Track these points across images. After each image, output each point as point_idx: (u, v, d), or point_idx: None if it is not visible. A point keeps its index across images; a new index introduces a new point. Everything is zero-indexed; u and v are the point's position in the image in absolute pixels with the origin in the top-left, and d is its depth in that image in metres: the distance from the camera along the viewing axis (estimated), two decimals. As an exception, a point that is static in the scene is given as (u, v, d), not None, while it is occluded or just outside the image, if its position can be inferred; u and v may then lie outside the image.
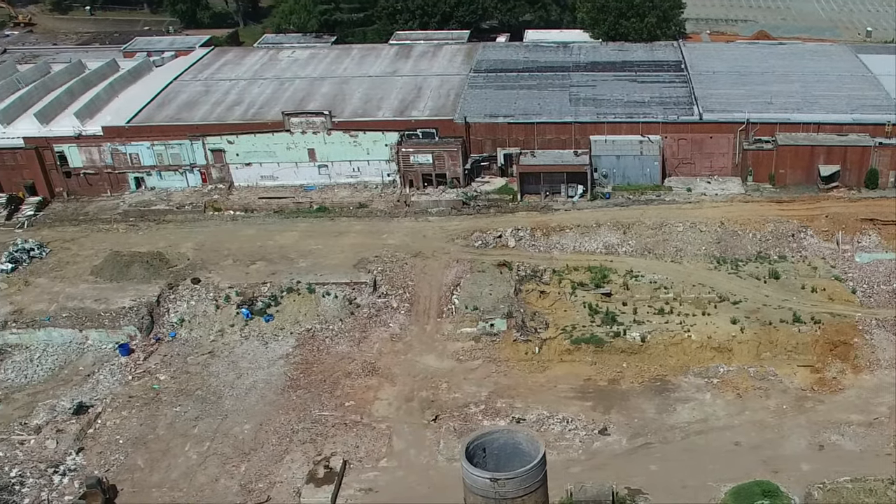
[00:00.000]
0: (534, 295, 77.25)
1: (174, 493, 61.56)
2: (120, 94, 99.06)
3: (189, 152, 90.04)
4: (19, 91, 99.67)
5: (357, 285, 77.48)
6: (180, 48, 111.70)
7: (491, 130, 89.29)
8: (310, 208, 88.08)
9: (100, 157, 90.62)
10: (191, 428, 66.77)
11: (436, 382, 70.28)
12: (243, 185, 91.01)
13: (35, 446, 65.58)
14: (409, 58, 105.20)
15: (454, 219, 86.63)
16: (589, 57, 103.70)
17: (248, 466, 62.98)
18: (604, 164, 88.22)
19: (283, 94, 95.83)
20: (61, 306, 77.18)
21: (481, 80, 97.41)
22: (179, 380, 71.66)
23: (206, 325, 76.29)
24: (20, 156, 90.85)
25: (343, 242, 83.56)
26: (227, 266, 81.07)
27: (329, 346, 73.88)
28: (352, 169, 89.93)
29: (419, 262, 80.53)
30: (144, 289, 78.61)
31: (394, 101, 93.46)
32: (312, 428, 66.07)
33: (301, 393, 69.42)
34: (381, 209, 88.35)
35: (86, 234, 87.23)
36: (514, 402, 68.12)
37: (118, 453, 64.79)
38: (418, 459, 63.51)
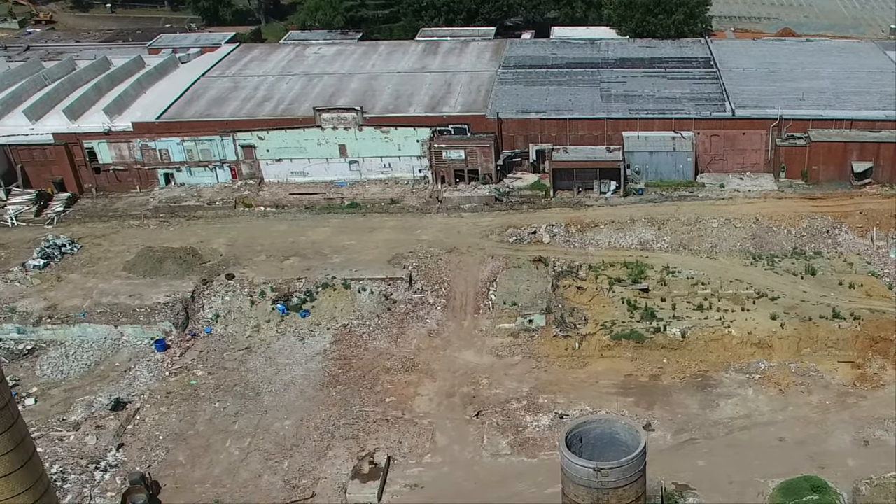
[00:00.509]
0: (571, 291, 76.76)
1: (217, 488, 61.08)
2: (147, 91, 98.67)
3: (219, 148, 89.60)
4: (46, 87, 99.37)
5: (393, 281, 77.02)
6: (205, 45, 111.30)
7: (523, 126, 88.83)
8: (341, 204, 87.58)
9: (129, 152, 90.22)
10: (231, 424, 66.31)
11: (476, 378, 69.83)
12: (273, 180, 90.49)
13: (75, 442, 65.14)
14: (436, 54, 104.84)
15: (487, 215, 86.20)
16: (617, 53, 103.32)
17: (291, 462, 62.56)
18: (636, 161, 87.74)
19: (312, 90, 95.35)
20: (95, 302, 76.75)
21: (511, 76, 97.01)
22: (217, 375, 71.20)
23: (242, 320, 75.84)
24: (49, 152, 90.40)
25: (376, 238, 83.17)
26: (260, 262, 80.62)
27: (366, 342, 73.43)
28: (382, 165, 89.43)
29: (454, 258, 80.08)
30: (178, 284, 78.14)
31: (424, 97, 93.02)
32: (354, 424, 65.63)
33: (340, 389, 68.96)
34: (412, 205, 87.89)
35: (116, 230, 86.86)
36: (556, 398, 67.69)
37: (159, 449, 64.37)
38: (463, 455, 63.03)
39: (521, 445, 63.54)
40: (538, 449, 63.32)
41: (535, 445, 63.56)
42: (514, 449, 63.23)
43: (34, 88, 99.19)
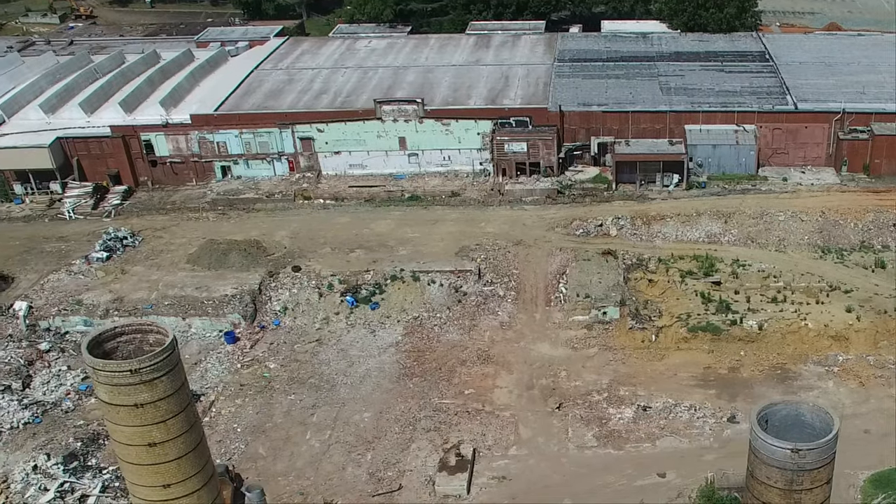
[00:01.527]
0: (642, 283, 75.99)
1: (301, 481, 60.25)
2: (201, 83, 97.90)
3: (277, 140, 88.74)
4: (98, 81, 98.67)
5: (462, 273, 76.18)
6: (254, 38, 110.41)
7: (585, 119, 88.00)
8: (401, 197, 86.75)
9: (186, 145, 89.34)
10: (308, 416, 65.50)
11: (554, 370, 68.99)
12: (331, 173, 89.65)
13: (152, 434, 64.60)
14: (489, 47, 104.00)
15: (550, 208, 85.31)
16: (671, 47, 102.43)
17: (374, 455, 61.73)
18: (699, 154, 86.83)
19: (368, 83, 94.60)
20: (162, 294, 75.93)
21: (567, 69, 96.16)
22: (290, 368, 70.38)
23: (311, 312, 75.03)
24: (106, 144, 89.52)
25: (441, 231, 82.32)
26: (325, 254, 79.79)
27: (438, 335, 72.61)
28: (442, 157, 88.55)
29: (521, 251, 79.24)
30: (244, 277, 77.31)
31: (483, 90, 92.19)
32: (435, 416, 64.79)
33: (417, 381, 68.14)
34: (473, 198, 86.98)
35: (176, 223, 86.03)
36: (637, 390, 66.89)
37: (238, 442, 63.53)
38: (548, 447, 62.19)
39: (607, 437, 62.74)
40: (624, 441, 62.55)
41: (620, 437, 62.76)
42: (600, 441, 62.45)
43: (86, 81, 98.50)
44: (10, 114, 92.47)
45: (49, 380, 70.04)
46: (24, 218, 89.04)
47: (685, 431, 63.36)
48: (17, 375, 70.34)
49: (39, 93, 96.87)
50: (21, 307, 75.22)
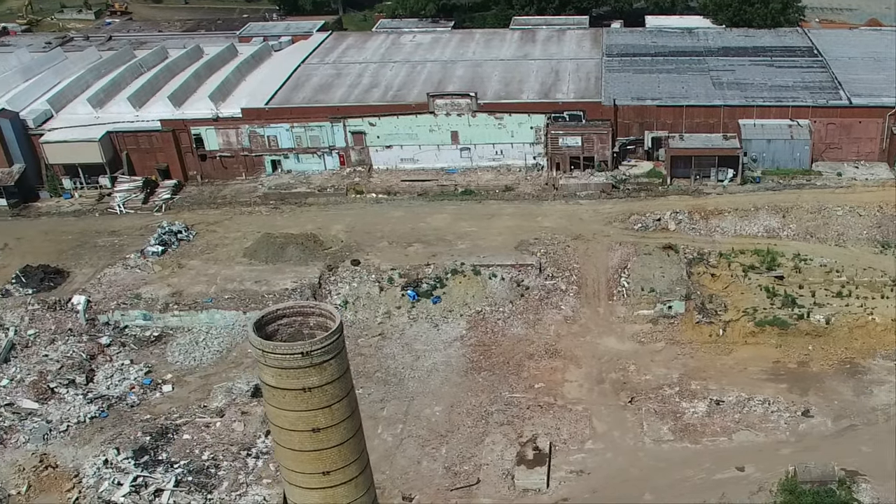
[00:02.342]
0: (705, 278, 75.42)
1: (376, 475, 58.61)
2: (247, 78, 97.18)
3: (329, 134, 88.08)
4: (144, 75, 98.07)
5: (523, 268, 75.62)
6: (296, 33, 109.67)
7: (639, 113, 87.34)
8: (455, 191, 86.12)
9: (237, 139, 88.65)
10: (378, 410, 64.93)
11: (623, 364, 68.45)
12: (382, 167, 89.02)
13: (222, 429, 63.79)
14: (535, 42, 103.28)
15: (606, 202, 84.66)
16: (717, 42, 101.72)
17: (449, 449, 61.26)
18: (753, 148, 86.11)
19: (417, 77, 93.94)
20: (221, 288, 75.28)
21: (616, 63, 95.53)
22: (355, 362, 68.74)
23: (371, 306, 74.41)
24: (156, 138, 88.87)
25: (498, 225, 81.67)
26: (383, 248, 79.16)
27: (503, 329, 72.02)
28: (494, 152, 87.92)
29: (581, 245, 78.63)
30: (303, 270, 76.70)
31: (534, 84, 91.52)
32: (507, 410, 64.28)
33: (486, 375, 67.58)
34: (528, 192, 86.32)
35: (229, 217, 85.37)
36: (708, 384, 66.36)
37: (309, 435, 63.19)
38: (624, 441, 61.66)
39: (683, 431, 62.20)
40: (700, 435, 62.01)
41: (696, 431, 62.21)
42: (676, 435, 61.92)
43: (132, 76, 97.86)
44: (58, 108, 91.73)
45: (112, 374, 69.52)
46: (75, 212, 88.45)
47: (760, 425, 62.96)
48: (80, 370, 69.83)
49: (85, 87, 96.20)
50: (79, 301, 74.64)
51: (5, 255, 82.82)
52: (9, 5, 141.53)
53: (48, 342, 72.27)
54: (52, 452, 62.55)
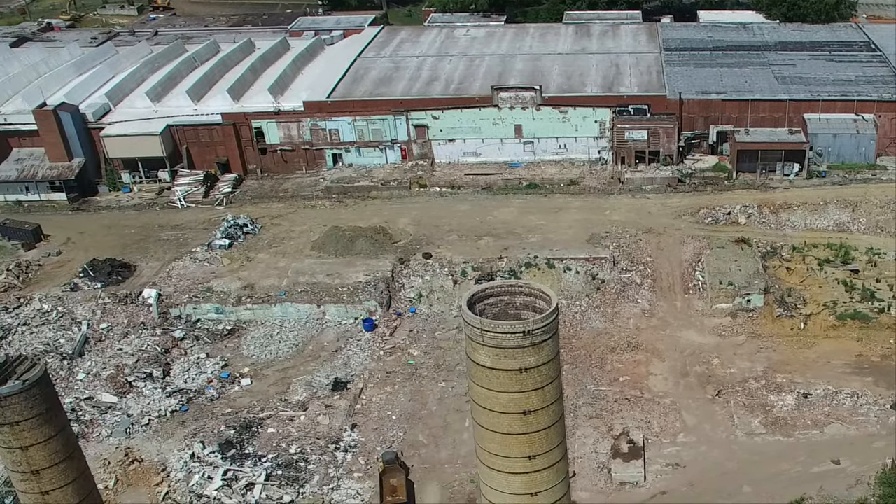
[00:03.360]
0: (781, 271, 74.86)
1: (469, 469, 58.76)
2: (303, 71, 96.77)
3: (391, 128, 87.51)
4: (199, 69, 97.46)
5: (597, 261, 75.02)
6: (347, 27, 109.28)
7: (704, 107, 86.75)
8: (519, 185, 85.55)
9: (298, 132, 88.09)
10: (463, 404, 63.93)
11: (706, 358, 67.78)
12: (444, 161, 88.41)
13: (307, 423, 63.15)
14: (591, 36, 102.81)
15: (673, 196, 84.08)
16: (773, 37, 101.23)
17: (540, 441, 60.83)
18: (819, 143, 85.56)
19: (477, 71, 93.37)
20: (293, 281, 74.63)
21: (676, 57, 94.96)
22: (434, 355, 69.16)
23: (446, 300, 73.73)
24: (216, 132, 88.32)
25: (566, 218, 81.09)
26: (453, 241, 78.55)
27: (581, 322, 71.43)
28: (558, 145, 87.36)
29: (653, 239, 78.01)
30: (374, 264, 76.11)
31: (596, 78, 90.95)
32: (594, 403, 63.68)
33: (568, 368, 66.66)
34: (593, 186, 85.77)
35: (292, 211, 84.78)
36: (793, 378, 65.71)
37: (395, 429, 62.34)
38: (716, 434, 61.00)
39: (773, 425, 61.54)
40: (791, 428, 61.36)
41: (787, 424, 61.56)
42: (768, 428, 61.24)
43: (186, 70, 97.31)
44: (116, 102, 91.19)
45: (189, 367, 68.89)
46: (135, 206, 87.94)
47: (851, 419, 62.29)
48: (156, 363, 69.24)
49: (141, 81, 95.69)
50: (150, 295, 74.03)
51: (69, 249, 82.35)
52: (51, 1, 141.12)
53: (121, 336, 71.76)
54: (135, 446, 62.09)
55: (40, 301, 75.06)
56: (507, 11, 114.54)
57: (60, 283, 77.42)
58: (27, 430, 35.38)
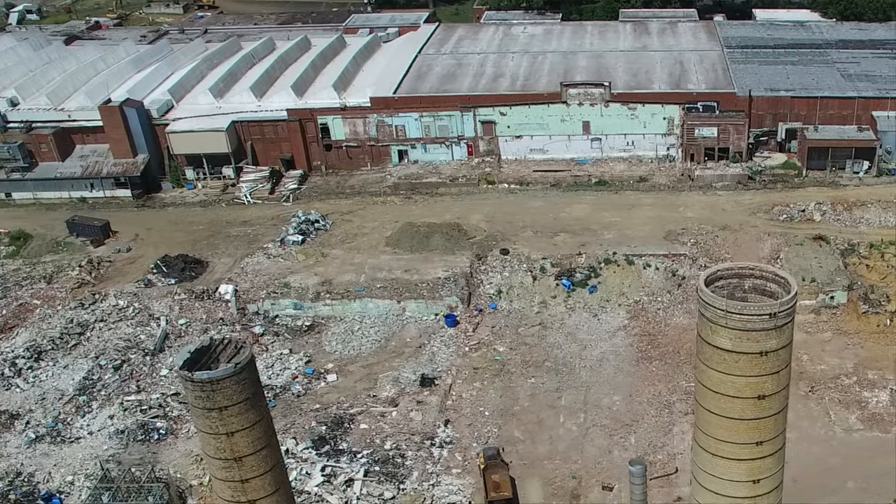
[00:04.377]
0: (861, 268, 74.51)
1: (569, 465, 58.54)
2: (363, 68, 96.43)
3: (458, 124, 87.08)
4: (259, 65, 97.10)
5: (676, 257, 74.63)
6: (402, 25, 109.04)
7: (773, 104, 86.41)
8: (588, 182, 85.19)
9: (364, 128, 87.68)
10: (555, 399, 63.81)
11: (795, 354, 65.57)
12: (510, 158, 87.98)
13: (399, 419, 62.66)
14: (650, 33, 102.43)
15: (744, 193, 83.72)
16: (833, 35, 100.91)
17: (638, 438, 60.10)
18: (888, 141, 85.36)
19: (541, 67, 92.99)
20: (370, 277, 74.20)
21: (739, 55, 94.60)
22: (520, 351, 68.68)
23: (526, 296, 73.31)
24: (281, 128, 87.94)
25: (640, 215, 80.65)
26: (528, 237, 78.13)
27: (664, 318, 71.00)
28: (626, 142, 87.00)
29: (729, 236, 77.55)
30: (451, 259, 75.65)
31: (662, 75, 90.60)
32: (687, 399, 62.84)
33: (658, 364, 66.46)
34: (662, 183, 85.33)
35: (361, 207, 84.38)
36: (885, 374, 65.22)
37: (489, 425, 61.85)
38: (814, 430, 60.53)
39: (871, 421, 61.05)
40: (889, 424, 60.86)
41: (884, 421, 61.06)
42: (865, 424, 60.78)
43: (246, 66, 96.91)
44: (178, 98, 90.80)
45: (272, 363, 68.43)
46: (200, 203, 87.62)
47: (952, 414, 62.20)
48: (239, 358, 68.78)
49: (200, 77, 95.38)
50: (227, 291, 73.57)
51: (138, 245, 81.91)
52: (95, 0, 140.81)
53: (201, 331, 71.21)
54: (226, 442, 61.78)
55: (115, 297, 74.76)
56: (563, 9, 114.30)
57: (133, 280, 77.13)
58: (234, 416, 34.66)
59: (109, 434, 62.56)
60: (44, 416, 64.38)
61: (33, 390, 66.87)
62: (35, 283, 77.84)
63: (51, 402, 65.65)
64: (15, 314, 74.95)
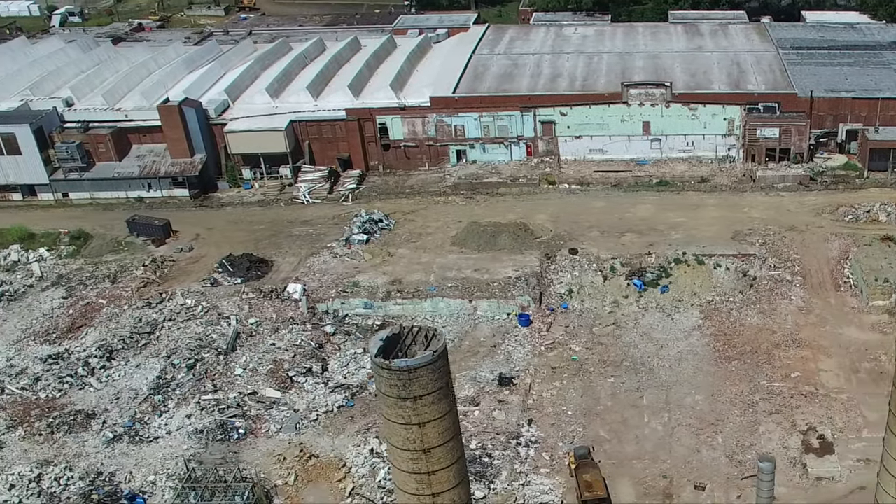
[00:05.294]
0: (933, 268, 74.49)
1: (658, 464, 58.09)
2: (417, 68, 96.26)
3: (518, 124, 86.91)
4: (311, 65, 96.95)
5: (746, 258, 74.36)
6: (451, 25, 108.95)
7: (833, 105, 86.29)
8: (649, 182, 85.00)
9: (423, 128, 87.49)
10: (637, 399, 63.40)
11: (872, 354, 66.87)
12: (570, 158, 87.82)
13: (482, 418, 62.25)
14: (702, 35, 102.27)
15: (807, 194, 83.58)
16: (884, 37, 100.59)
17: (725, 437, 59.69)
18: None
19: (598, 68, 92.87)
20: (440, 276, 73.90)
21: (795, 56, 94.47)
22: (596, 350, 68.31)
23: (597, 296, 73.00)
24: (339, 127, 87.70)
25: (705, 215, 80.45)
26: (595, 237, 77.86)
27: (738, 318, 70.69)
28: (685, 143, 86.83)
29: (797, 236, 77.35)
30: (520, 259, 75.36)
31: (721, 76, 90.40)
32: (770, 399, 62.73)
33: (737, 364, 66.04)
34: (723, 183, 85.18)
35: (423, 206, 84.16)
36: (968, 374, 65.25)
37: (574, 425, 61.44)
38: (910, 430, 60.38)
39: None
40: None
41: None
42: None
43: (298, 67, 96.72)
44: (234, 98, 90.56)
45: (347, 363, 68.07)
46: (258, 202, 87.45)
47: None
48: (313, 358, 68.38)
49: (254, 77, 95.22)
50: (296, 290, 73.27)
51: (199, 244, 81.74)
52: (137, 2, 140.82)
53: (272, 331, 70.92)
54: (307, 442, 61.21)
55: (182, 296, 74.45)
56: (611, 11, 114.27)
57: (198, 279, 76.85)
58: (428, 406, 34.10)
59: (188, 433, 62.10)
60: (120, 415, 64.07)
61: (107, 389, 66.55)
62: (99, 282, 77.65)
63: (125, 401, 65.33)
64: (82, 313, 74.74)
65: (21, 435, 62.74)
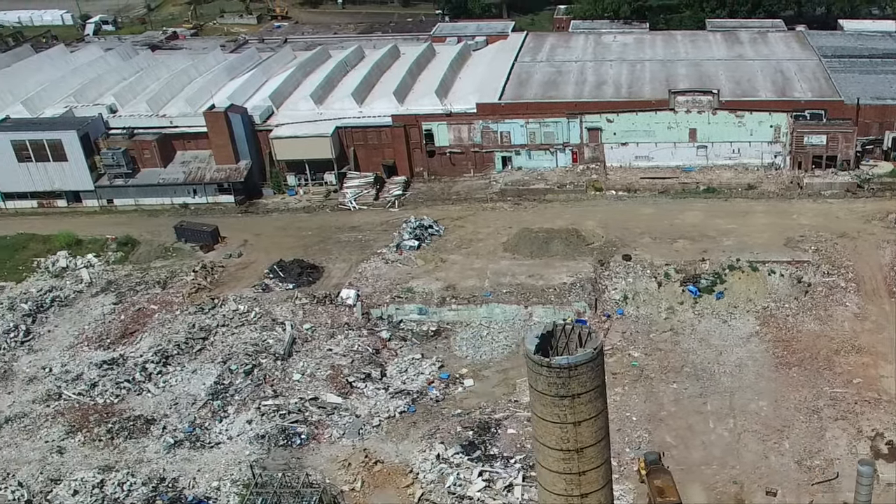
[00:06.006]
0: None
1: (727, 470, 57.86)
2: (459, 75, 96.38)
3: (564, 130, 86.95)
4: (353, 72, 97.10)
5: (799, 264, 74.26)
6: (490, 33, 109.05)
7: (880, 113, 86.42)
8: (697, 189, 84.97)
9: (468, 135, 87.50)
10: (701, 405, 63.19)
11: (945, 356, 67.14)
12: (615, 165, 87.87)
13: (548, 423, 62.21)
14: (742, 43, 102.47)
15: (855, 201, 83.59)
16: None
17: (792, 443, 59.50)
18: None
19: (642, 75, 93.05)
20: (494, 282, 73.78)
21: (837, 64, 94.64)
22: (655, 357, 68.14)
23: (652, 302, 72.88)
24: (385, 134, 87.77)
25: (755, 222, 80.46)
26: (647, 243, 77.81)
27: (794, 325, 70.54)
28: (731, 150, 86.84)
29: (848, 243, 77.28)
30: (573, 265, 75.29)
31: (765, 83, 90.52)
32: (834, 405, 62.49)
33: (797, 370, 65.87)
34: (770, 190, 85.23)
35: (471, 213, 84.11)
36: None
37: (639, 430, 61.25)
38: None
39: None
40: None
41: None
42: None
43: (340, 74, 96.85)
44: (278, 104, 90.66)
45: (406, 368, 67.90)
46: (304, 209, 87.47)
47: None
48: (372, 364, 68.22)
49: (297, 84, 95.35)
50: (349, 295, 73.18)
51: (248, 250, 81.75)
52: (169, 11, 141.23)
53: (328, 336, 70.85)
54: (371, 447, 61.01)
55: (235, 301, 74.42)
56: (649, 19, 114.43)
57: (249, 284, 76.84)
58: (584, 404, 33.68)
59: (249, 439, 61.92)
60: (179, 420, 63.89)
61: (165, 395, 66.44)
62: (150, 288, 77.62)
63: (184, 406, 65.17)
64: (134, 319, 74.73)
65: (81, 440, 62.68)
